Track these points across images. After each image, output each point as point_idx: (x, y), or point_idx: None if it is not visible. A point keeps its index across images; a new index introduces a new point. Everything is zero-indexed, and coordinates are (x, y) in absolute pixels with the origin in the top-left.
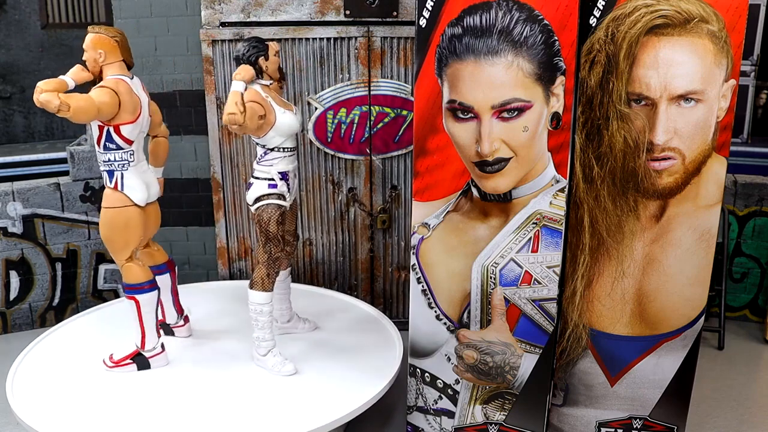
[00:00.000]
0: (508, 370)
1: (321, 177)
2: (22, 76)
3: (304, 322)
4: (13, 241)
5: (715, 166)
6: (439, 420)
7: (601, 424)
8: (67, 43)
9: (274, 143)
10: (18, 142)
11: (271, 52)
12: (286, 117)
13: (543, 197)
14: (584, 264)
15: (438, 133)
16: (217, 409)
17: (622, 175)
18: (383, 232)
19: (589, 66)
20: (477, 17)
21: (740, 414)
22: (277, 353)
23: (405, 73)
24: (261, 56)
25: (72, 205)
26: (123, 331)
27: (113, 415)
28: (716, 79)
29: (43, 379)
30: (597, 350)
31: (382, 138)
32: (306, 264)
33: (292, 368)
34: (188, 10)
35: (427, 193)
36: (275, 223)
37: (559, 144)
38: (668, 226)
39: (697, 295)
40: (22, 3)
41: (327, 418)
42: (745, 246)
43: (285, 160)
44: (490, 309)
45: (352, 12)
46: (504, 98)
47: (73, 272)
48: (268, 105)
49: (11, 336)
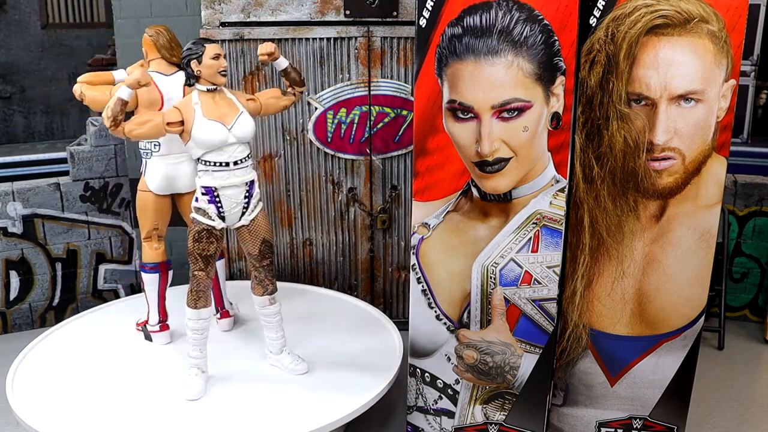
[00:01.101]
0: (508, 370)
1: (321, 177)
2: (22, 76)
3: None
4: (13, 241)
5: (715, 166)
6: (439, 420)
7: (601, 424)
8: (67, 43)
9: (195, 154)
10: (18, 142)
11: (208, 55)
12: (205, 128)
13: (543, 197)
14: (584, 264)
15: (438, 133)
16: (217, 409)
17: (622, 175)
18: (383, 232)
19: (589, 66)
20: (477, 17)
21: (740, 414)
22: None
23: (405, 73)
24: (193, 59)
25: (72, 205)
26: (123, 331)
27: (113, 415)
28: (716, 79)
29: (43, 379)
30: (597, 350)
31: (382, 138)
32: (306, 264)
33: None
34: (188, 10)
35: (427, 193)
36: (193, 239)
37: (559, 144)
38: (668, 226)
39: (697, 295)
40: (22, 3)
41: (327, 418)
42: (745, 246)
43: (210, 174)
44: (490, 309)
45: (352, 12)
46: (504, 98)
47: (73, 272)
48: (189, 113)
49: (11, 336)
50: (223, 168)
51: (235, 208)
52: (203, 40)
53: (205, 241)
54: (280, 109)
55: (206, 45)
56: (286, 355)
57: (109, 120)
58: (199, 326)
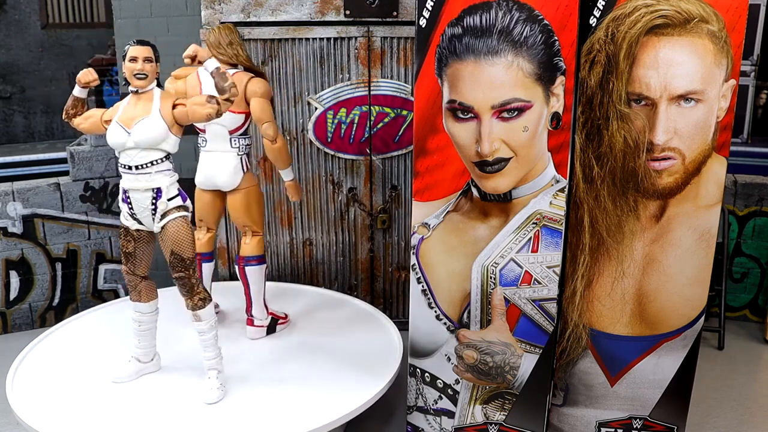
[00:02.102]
0: (508, 370)
1: (321, 177)
2: (22, 76)
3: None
4: (13, 241)
5: (715, 166)
6: (439, 420)
7: (601, 424)
8: (67, 43)
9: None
10: (18, 142)
11: (127, 57)
12: (110, 130)
13: (543, 197)
14: (584, 264)
15: (438, 133)
16: (217, 409)
17: (622, 175)
18: (383, 232)
19: (589, 66)
20: (477, 17)
21: (740, 414)
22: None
23: (405, 73)
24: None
25: (72, 205)
26: (123, 331)
27: (113, 415)
28: (716, 79)
29: (43, 379)
30: (597, 350)
31: (382, 138)
32: (306, 264)
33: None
34: (188, 10)
35: (427, 193)
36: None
37: (559, 144)
38: (668, 226)
39: (697, 295)
40: (22, 3)
41: (327, 418)
42: (745, 246)
43: (123, 175)
44: (490, 309)
45: (352, 12)
46: (504, 98)
47: (73, 272)
48: (114, 112)
49: (11, 336)
50: (128, 171)
51: (144, 212)
52: (136, 41)
53: (123, 238)
54: (205, 118)
55: (128, 47)
56: (208, 379)
57: (63, 113)
58: (135, 317)
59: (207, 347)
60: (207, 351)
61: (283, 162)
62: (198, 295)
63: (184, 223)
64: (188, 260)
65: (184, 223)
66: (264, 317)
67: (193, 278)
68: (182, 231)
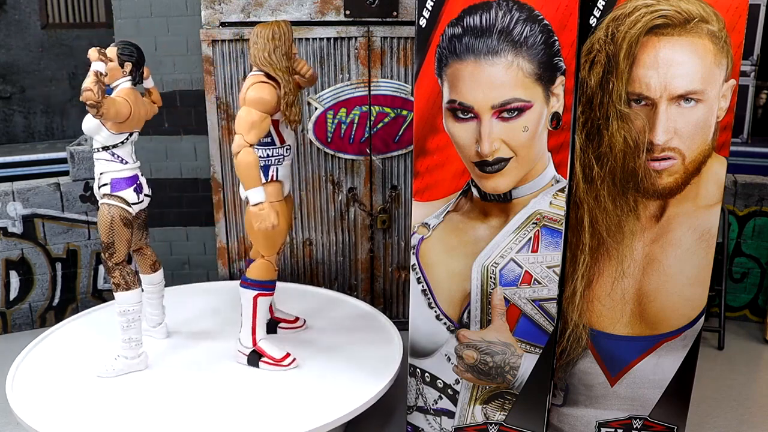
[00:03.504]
0: (508, 370)
1: (321, 177)
2: (22, 76)
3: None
4: (13, 241)
5: (715, 166)
6: (439, 420)
7: (601, 424)
8: (67, 43)
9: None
10: (18, 142)
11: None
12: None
13: (543, 197)
14: (584, 264)
15: (438, 133)
16: (217, 409)
17: (622, 175)
18: (383, 232)
19: (589, 66)
20: (477, 17)
21: (740, 414)
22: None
23: (405, 73)
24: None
25: (72, 205)
26: None
27: (113, 415)
28: (716, 79)
29: (43, 379)
30: (597, 350)
31: (382, 138)
32: (306, 264)
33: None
34: (188, 10)
35: (427, 193)
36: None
37: (559, 144)
38: (668, 226)
39: (697, 295)
40: (22, 3)
41: (327, 418)
42: (745, 246)
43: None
44: (490, 309)
45: (352, 12)
46: (504, 98)
47: (73, 272)
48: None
49: (11, 336)
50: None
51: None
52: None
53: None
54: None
55: (108, 50)
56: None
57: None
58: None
59: (120, 329)
60: (120, 332)
61: (244, 181)
62: (113, 279)
63: (105, 210)
64: (105, 244)
65: (106, 210)
66: (247, 346)
67: (109, 261)
68: (103, 216)
